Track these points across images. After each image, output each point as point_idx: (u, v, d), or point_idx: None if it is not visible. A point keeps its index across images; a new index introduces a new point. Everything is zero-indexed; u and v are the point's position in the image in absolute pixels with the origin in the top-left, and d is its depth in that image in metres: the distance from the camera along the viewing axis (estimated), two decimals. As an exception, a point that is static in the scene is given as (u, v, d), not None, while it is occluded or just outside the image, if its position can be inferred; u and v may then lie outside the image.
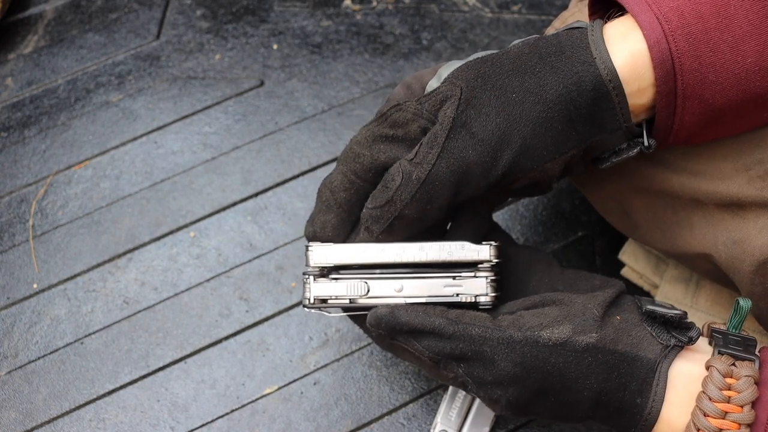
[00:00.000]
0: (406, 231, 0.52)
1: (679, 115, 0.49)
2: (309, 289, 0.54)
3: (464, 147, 0.49)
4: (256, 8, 0.97)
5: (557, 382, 0.49)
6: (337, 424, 0.70)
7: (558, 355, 0.48)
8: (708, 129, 0.50)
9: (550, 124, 0.49)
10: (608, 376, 0.48)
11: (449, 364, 0.51)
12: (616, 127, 0.50)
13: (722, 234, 0.53)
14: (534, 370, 0.49)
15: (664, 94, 0.48)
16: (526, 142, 0.49)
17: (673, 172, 0.55)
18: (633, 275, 0.74)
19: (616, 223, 0.63)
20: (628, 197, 0.59)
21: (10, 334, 0.76)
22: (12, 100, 0.92)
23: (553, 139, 0.50)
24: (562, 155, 0.51)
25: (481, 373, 0.50)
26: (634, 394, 0.48)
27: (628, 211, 0.60)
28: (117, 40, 0.95)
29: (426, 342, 0.51)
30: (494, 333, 0.49)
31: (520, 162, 0.50)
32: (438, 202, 0.50)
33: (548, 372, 0.49)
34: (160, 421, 0.71)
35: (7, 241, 0.82)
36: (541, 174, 0.52)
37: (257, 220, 0.81)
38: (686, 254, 0.57)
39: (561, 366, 0.48)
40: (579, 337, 0.48)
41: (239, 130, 0.87)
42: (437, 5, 0.95)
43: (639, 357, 0.48)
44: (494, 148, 0.49)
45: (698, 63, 0.47)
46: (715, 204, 0.53)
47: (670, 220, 0.57)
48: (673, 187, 0.55)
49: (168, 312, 0.76)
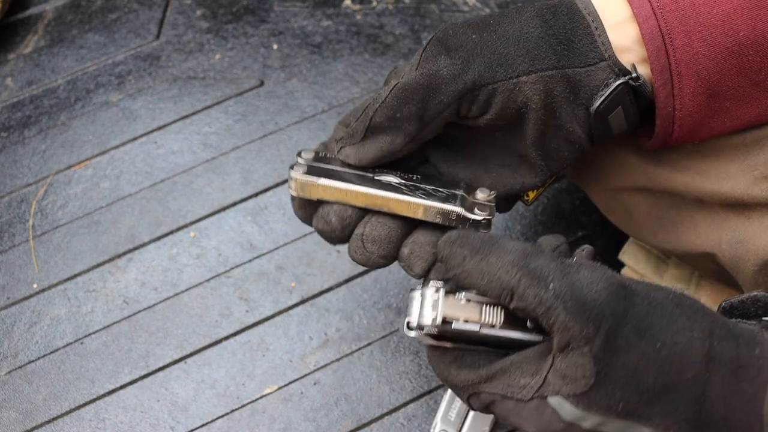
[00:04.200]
0: (377, 150, 0.50)
1: (678, 95, 0.48)
2: (438, 305, 0.44)
3: (437, 54, 0.49)
4: (256, 8, 0.97)
5: (661, 315, 0.41)
6: (337, 424, 0.70)
7: (658, 290, 0.42)
8: (712, 118, 0.50)
9: (525, 36, 0.49)
10: (715, 321, 0.42)
11: (532, 285, 0.41)
12: (597, 57, 0.49)
13: (726, 233, 0.52)
14: (636, 298, 0.41)
15: (659, 70, 0.48)
16: (499, 50, 0.49)
17: (678, 171, 0.54)
18: (633, 275, 0.74)
19: (619, 223, 0.63)
20: (631, 196, 0.59)
21: (10, 334, 0.76)
22: (12, 100, 0.92)
23: (528, 51, 0.49)
24: (539, 72, 0.49)
25: (576, 295, 0.40)
26: (749, 345, 0.41)
27: (632, 211, 0.60)
28: (117, 40, 0.95)
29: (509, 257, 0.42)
30: (589, 263, 0.43)
31: (493, 68, 0.49)
32: (408, 109, 0.49)
33: (651, 304, 0.41)
34: (160, 421, 0.71)
35: (7, 241, 0.82)
36: (513, 102, 0.49)
37: (257, 220, 0.81)
38: (690, 253, 0.57)
39: (663, 301, 0.42)
40: (672, 289, 0.44)
41: (239, 130, 0.87)
42: (437, 5, 0.95)
43: (737, 324, 0.42)
44: (467, 53, 0.49)
45: (689, 38, 0.47)
46: (719, 204, 0.53)
47: (673, 219, 0.57)
48: (677, 187, 0.54)
49: (168, 312, 0.76)
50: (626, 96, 0.49)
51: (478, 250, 0.43)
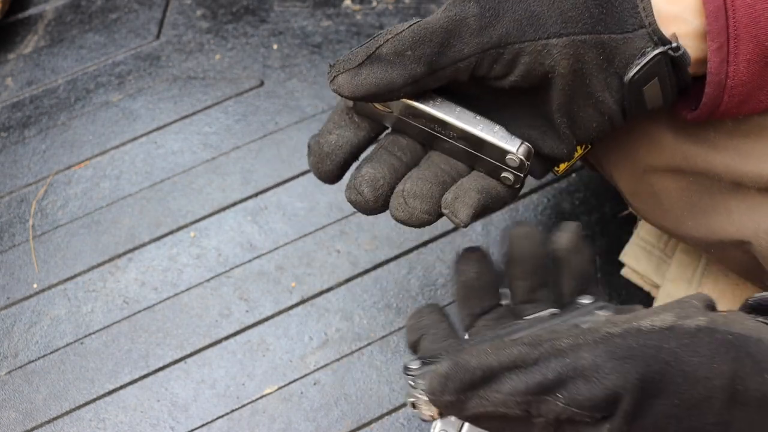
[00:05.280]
0: (372, 83, 0.46)
1: (732, 61, 0.45)
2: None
3: (465, 2, 0.46)
4: (256, 8, 0.97)
5: (678, 373, 0.39)
6: (337, 424, 0.70)
7: (668, 339, 0.40)
8: (763, 90, 0.47)
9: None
10: (737, 357, 0.39)
11: (544, 402, 0.40)
12: (637, 24, 0.45)
13: (764, 220, 0.50)
14: (647, 362, 0.39)
15: (716, 32, 0.45)
16: (531, 7, 0.45)
17: (717, 151, 0.51)
18: (633, 275, 0.74)
19: (643, 208, 0.59)
20: (662, 179, 0.55)
21: (10, 334, 0.76)
22: (12, 100, 0.92)
23: (562, 12, 0.45)
24: (571, 35, 0.45)
25: (586, 390, 0.39)
26: None
27: (660, 195, 0.56)
28: (117, 40, 0.95)
29: (510, 385, 0.39)
30: (587, 336, 0.40)
31: (523, 27, 0.45)
32: (421, 50, 0.45)
33: (665, 361, 0.39)
34: (160, 421, 0.71)
35: (7, 241, 0.82)
36: (540, 65, 0.46)
37: (257, 220, 0.81)
38: (721, 242, 0.53)
39: (677, 351, 0.39)
40: (685, 321, 0.40)
41: (239, 130, 0.87)
42: (437, 5, 0.95)
43: (763, 338, 0.40)
44: (498, 5, 0.46)
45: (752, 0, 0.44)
46: (757, 188, 0.50)
47: (706, 205, 0.53)
48: (716, 168, 0.51)
49: (168, 312, 0.76)
50: (664, 67, 0.46)
51: (477, 385, 0.39)
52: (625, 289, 0.74)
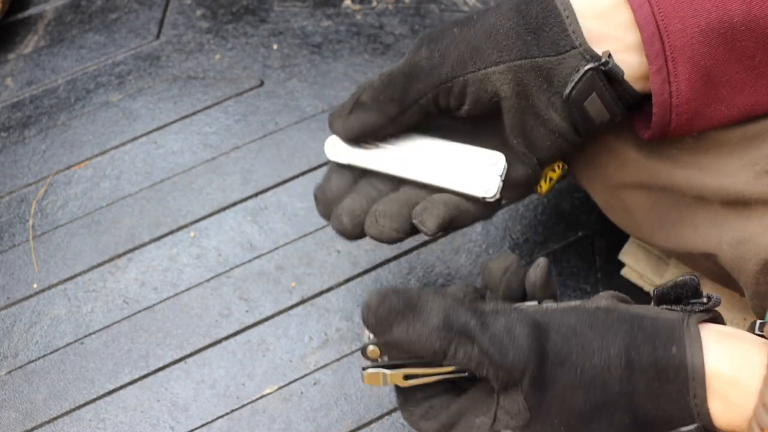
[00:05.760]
0: (360, 126, 0.56)
1: (674, 81, 0.49)
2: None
3: (420, 47, 0.54)
4: (256, 8, 0.97)
5: (577, 343, 0.45)
6: (337, 424, 0.70)
7: (570, 315, 0.46)
8: (709, 107, 0.50)
9: (497, 29, 0.52)
10: (630, 330, 0.44)
11: (462, 345, 0.45)
12: (569, 45, 0.50)
13: (727, 233, 0.52)
14: (550, 332, 0.45)
15: (653, 55, 0.48)
16: (472, 43, 0.52)
17: (679, 167, 0.54)
18: (633, 275, 0.74)
19: (619, 221, 0.63)
20: (631, 194, 0.58)
21: (10, 334, 0.76)
22: (12, 100, 0.92)
23: (497, 42, 0.51)
24: (507, 62, 0.51)
25: (499, 345, 0.45)
26: (666, 344, 0.44)
27: (631, 209, 0.59)
28: (117, 40, 0.95)
29: (436, 320, 0.45)
30: (506, 306, 0.47)
31: (465, 61, 0.52)
32: (389, 93, 0.54)
33: (564, 334, 0.45)
34: (160, 421, 0.71)
35: (7, 241, 0.82)
36: (485, 92, 0.52)
37: (257, 220, 0.81)
38: (690, 254, 0.56)
39: (576, 325, 0.45)
40: (588, 304, 0.47)
41: (239, 130, 0.87)
42: (437, 5, 0.95)
43: (660, 317, 0.45)
44: (445, 47, 0.53)
45: (683, 24, 0.47)
46: (720, 202, 0.53)
47: (673, 219, 0.56)
48: (678, 183, 0.54)
49: (168, 312, 0.76)
50: (599, 82, 0.50)
51: (403, 315, 0.45)
52: (626, 289, 0.74)
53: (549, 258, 0.76)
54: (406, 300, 0.46)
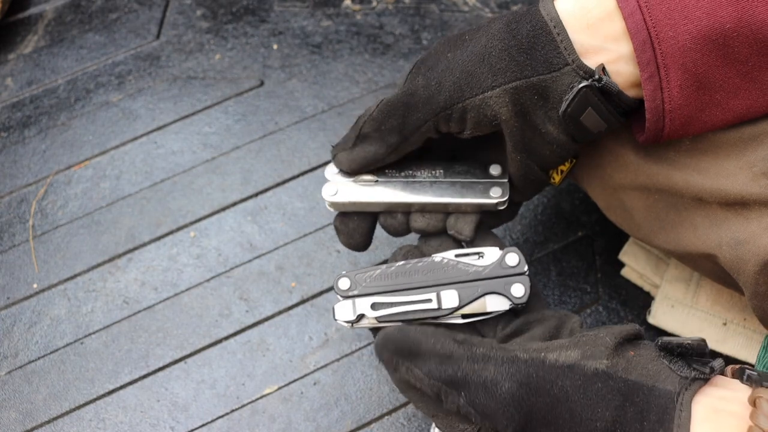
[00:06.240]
0: (363, 157, 0.57)
1: (666, 87, 0.49)
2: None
3: (416, 75, 0.55)
4: (256, 8, 0.97)
5: (566, 409, 0.46)
6: (337, 424, 0.70)
7: (565, 378, 0.46)
8: (703, 111, 0.50)
9: (489, 51, 0.52)
10: (622, 405, 0.45)
11: (451, 393, 0.49)
12: (562, 62, 0.50)
13: (726, 234, 0.52)
14: (540, 393, 0.46)
15: (645, 63, 0.48)
16: (467, 68, 0.52)
17: (676, 169, 0.54)
18: (633, 275, 0.74)
19: (619, 222, 0.63)
20: (630, 195, 0.59)
21: (10, 334, 0.76)
22: (12, 100, 0.92)
23: (491, 66, 0.52)
24: (502, 86, 0.51)
25: (483, 399, 0.47)
26: (654, 426, 0.44)
27: (631, 210, 0.60)
28: (117, 40, 0.95)
29: (428, 366, 0.49)
30: (498, 353, 0.48)
31: (462, 88, 0.52)
32: (390, 123, 0.55)
33: (555, 396, 0.46)
34: (160, 421, 0.71)
35: (7, 241, 0.82)
36: (484, 116, 0.53)
37: (257, 220, 0.81)
38: (689, 254, 0.57)
39: (569, 390, 0.46)
40: (587, 362, 0.46)
41: (239, 130, 0.87)
42: (437, 5, 0.95)
43: (656, 388, 0.45)
44: (440, 74, 0.53)
45: (674, 31, 0.48)
46: (718, 203, 0.53)
47: (673, 220, 0.57)
48: (676, 185, 0.54)
49: (168, 312, 0.76)
50: (594, 98, 0.50)
51: (406, 356, 0.50)
52: (626, 289, 0.74)
53: (549, 258, 0.76)
54: (410, 341, 0.50)
